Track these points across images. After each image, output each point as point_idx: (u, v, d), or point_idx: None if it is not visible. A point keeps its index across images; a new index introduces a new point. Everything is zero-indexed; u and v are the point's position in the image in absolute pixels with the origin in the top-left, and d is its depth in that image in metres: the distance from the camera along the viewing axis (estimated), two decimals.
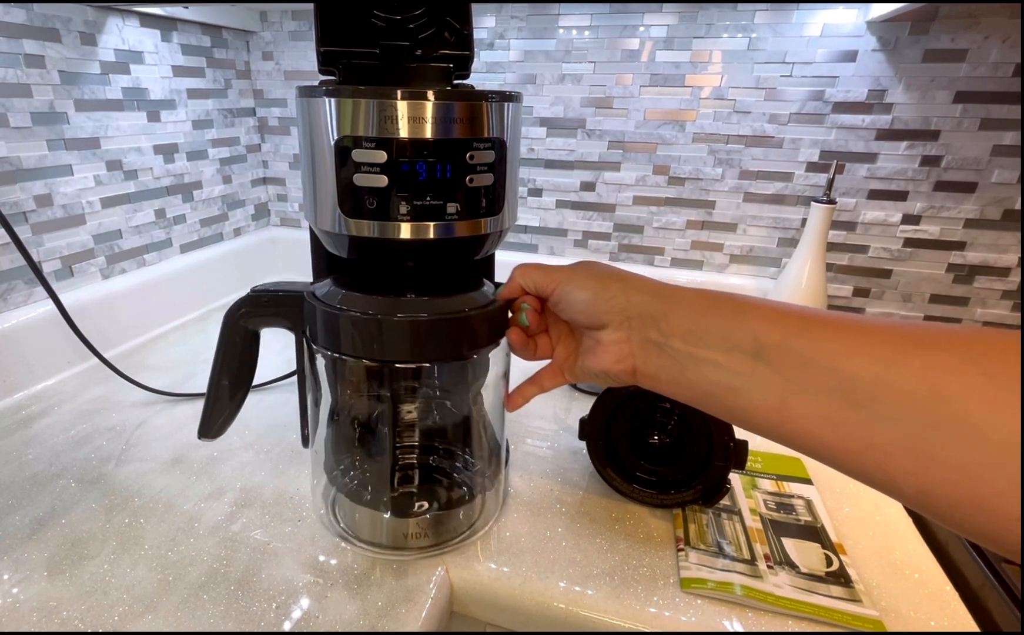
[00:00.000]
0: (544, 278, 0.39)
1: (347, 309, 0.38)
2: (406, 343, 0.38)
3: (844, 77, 0.77)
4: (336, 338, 0.39)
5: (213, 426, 0.46)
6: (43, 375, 0.70)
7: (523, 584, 0.44)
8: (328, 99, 0.37)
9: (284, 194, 1.11)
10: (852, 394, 0.25)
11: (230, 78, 0.99)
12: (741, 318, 0.30)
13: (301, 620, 0.40)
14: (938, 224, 0.80)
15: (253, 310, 0.43)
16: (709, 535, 0.48)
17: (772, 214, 0.86)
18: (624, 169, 0.90)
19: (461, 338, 0.39)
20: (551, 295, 0.38)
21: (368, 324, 0.37)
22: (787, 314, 0.29)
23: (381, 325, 0.37)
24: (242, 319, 0.43)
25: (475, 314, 0.39)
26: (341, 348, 0.39)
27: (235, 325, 0.43)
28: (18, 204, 0.68)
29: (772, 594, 0.43)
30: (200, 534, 0.48)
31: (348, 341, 0.38)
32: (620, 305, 0.35)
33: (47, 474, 0.54)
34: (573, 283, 0.37)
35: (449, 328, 0.38)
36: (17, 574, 0.43)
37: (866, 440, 0.25)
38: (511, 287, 0.41)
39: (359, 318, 0.37)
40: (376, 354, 0.39)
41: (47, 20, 0.69)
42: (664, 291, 0.34)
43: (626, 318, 0.35)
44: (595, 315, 0.36)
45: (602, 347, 0.36)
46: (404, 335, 0.38)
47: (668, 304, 0.33)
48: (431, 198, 0.39)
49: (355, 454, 0.50)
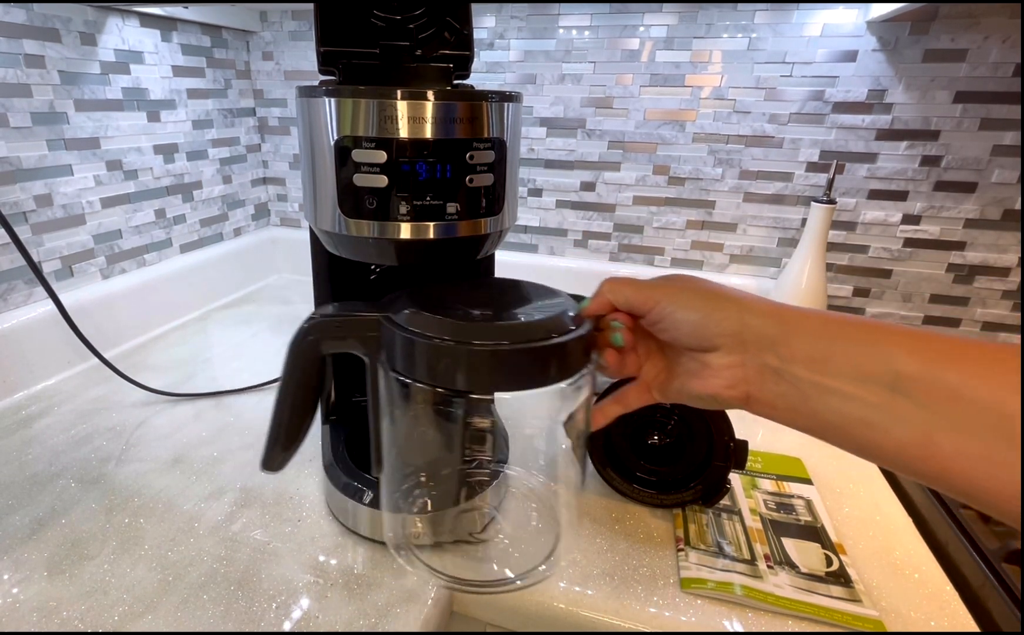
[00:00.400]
0: (640, 296, 0.36)
1: (433, 336, 0.34)
2: (499, 372, 0.35)
3: (844, 77, 0.77)
4: (422, 367, 0.35)
5: (278, 457, 0.42)
6: (43, 375, 0.70)
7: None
8: (328, 99, 0.37)
9: (284, 194, 1.11)
10: (1015, 434, 0.23)
11: (230, 78, 0.99)
12: (875, 345, 0.28)
13: (301, 620, 0.40)
14: (938, 224, 0.80)
15: (322, 336, 0.39)
16: (709, 535, 0.48)
17: (772, 214, 0.86)
18: (624, 169, 0.90)
19: (551, 363, 0.35)
20: (649, 314, 0.35)
21: (458, 353, 0.34)
22: (928, 340, 0.27)
23: (476, 355, 0.34)
24: (310, 346, 0.39)
25: (571, 340, 0.35)
26: (426, 377, 0.35)
27: (302, 351, 0.39)
28: (18, 204, 0.68)
29: (772, 594, 0.43)
30: (200, 534, 0.48)
31: (434, 370, 0.35)
32: (734, 327, 0.32)
33: (47, 474, 0.54)
34: (677, 303, 0.34)
35: (546, 354, 0.35)
36: (17, 574, 0.43)
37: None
38: (599, 303, 0.37)
39: (449, 347, 0.34)
40: (466, 385, 0.35)
41: (47, 20, 0.69)
42: (783, 313, 0.31)
43: (741, 342, 0.32)
44: (705, 338, 0.33)
45: (710, 371, 0.33)
46: (497, 364, 0.34)
47: (788, 327, 0.31)
48: (431, 198, 0.39)
49: (430, 485, 0.48)
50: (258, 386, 0.71)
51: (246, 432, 0.62)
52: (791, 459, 0.59)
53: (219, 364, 0.77)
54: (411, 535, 0.46)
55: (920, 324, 0.86)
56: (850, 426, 0.29)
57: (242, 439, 0.60)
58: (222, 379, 0.73)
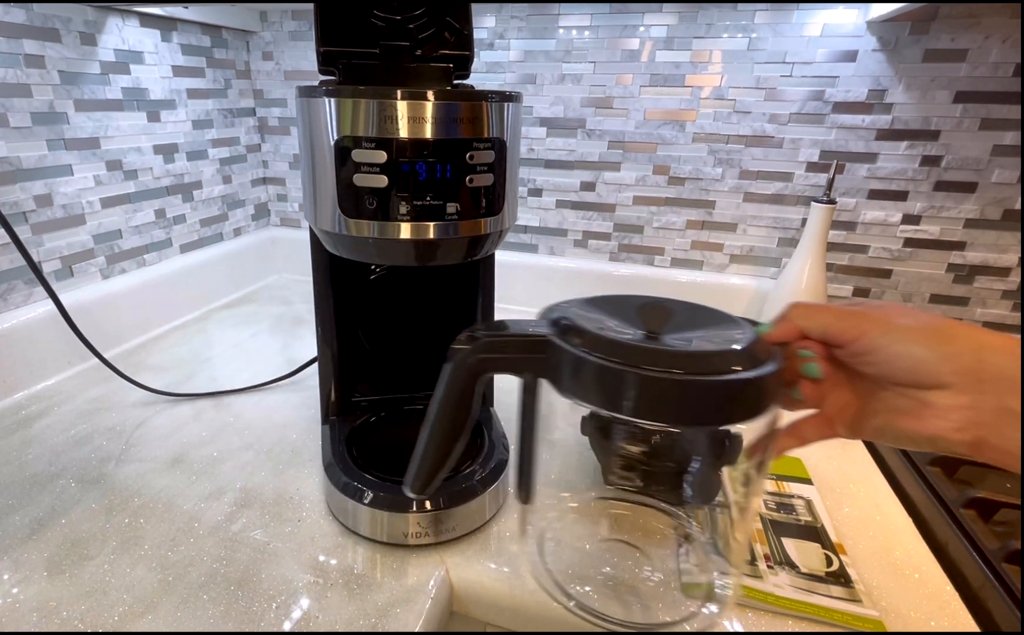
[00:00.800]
0: (842, 325, 0.32)
1: (627, 365, 0.31)
2: (700, 405, 0.32)
3: (844, 77, 0.77)
4: (606, 395, 0.33)
5: (425, 481, 0.39)
6: (43, 375, 0.70)
7: (523, 584, 0.44)
8: (328, 99, 0.37)
9: (284, 194, 1.11)
10: None
11: (230, 78, 0.99)
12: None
13: (301, 620, 0.40)
14: (938, 224, 0.80)
15: (484, 358, 0.36)
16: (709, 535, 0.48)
17: (772, 214, 0.86)
18: (624, 169, 0.90)
19: (753, 397, 0.33)
20: (852, 345, 0.32)
21: (652, 383, 0.31)
22: None
23: (680, 386, 0.31)
24: (469, 369, 0.36)
25: (773, 373, 0.31)
26: (606, 404, 0.33)
27: (461, 373, 0.37)
28: (18, 204, 0.68)
29: (772, 594, 0.43)
30: (200, 534, 0.48)
31: (620, 398, 0.32)
32: (970, 365, 0.29)
33: (47, 474, 0.54)
34: (894, 335, 0.30)
35: (748, 388, 0.32)
36: (17, 574, 0.43)
37: None
38: (787, 329, 0.34)
39: (640, 376, 0.31)
40: (657, 417, 0.33)
41: (47, 20, 0.69)
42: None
43: (977, 381, 0.29)
44: (932, 375, 0.30)
45: (932, 411, 0.30)
46: (698, 396, 0.31)
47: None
48: (431, 198, 0.39)
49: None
50: (258, 386, 0.71)
51: (246, 432, 0.62)
52: (791, 459, 0.59)
53: (219, 364, 0.77)
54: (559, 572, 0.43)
55: None
56: None
57: (242, 439, 0.60)
58: (222, 379, 0.73)
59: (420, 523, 0.46)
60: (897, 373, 0.31)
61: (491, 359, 0.36)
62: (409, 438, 0.38)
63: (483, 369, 0.36)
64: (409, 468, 0.39)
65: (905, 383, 0.31)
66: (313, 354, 0.70)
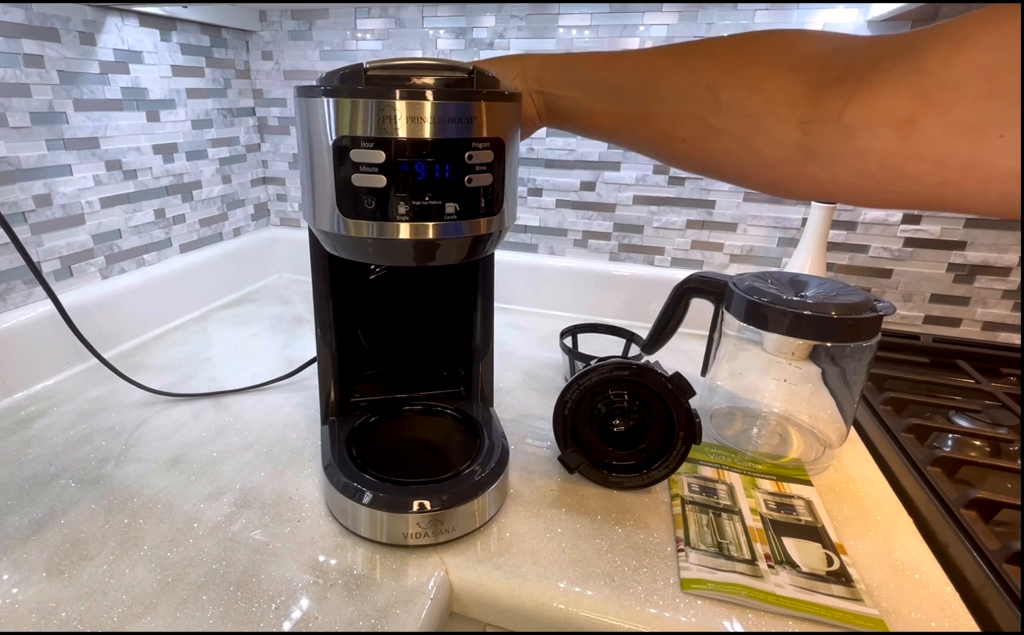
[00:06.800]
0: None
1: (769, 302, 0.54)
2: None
3: None
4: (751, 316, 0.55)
5: (654, 346, 0.68)
6: (43, 375, 0.70)
7: (523, 584, 0.44)
8: (326, 99, 0.37)
9: (284, 194, 1.11)
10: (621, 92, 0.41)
11: (230, 78, 0.99)
12: (573, 67, 0.44)
13: (301, 620, 0.40)
14: (938, 224, 0.80)
15: (694, 286, 0.62)
16: (709, 535, 0.48)
17: (772, 213, 0.86)
18: (624, 169, 0.90)
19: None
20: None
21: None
22: (604, 58, 0.43)
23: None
24: (685, 295, 0.63)
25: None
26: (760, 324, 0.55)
27: (679, 294, 0.63)
28: (17, 204, 0.68)
29: (773, 594, 0.42)
30: (199, 534, 0.47)
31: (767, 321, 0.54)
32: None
33: (46, 474, 0.54)
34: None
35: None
36: (16, 574, 0.43)
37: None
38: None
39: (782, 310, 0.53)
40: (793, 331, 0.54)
41: (46, 20, 0.69)
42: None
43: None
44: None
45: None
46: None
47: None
48: (430, 198, 0.39)
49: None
50: (258, 386, 0.71)
51: (245, 432, 0.62)
52: (791, 460, 0.59)
53: (219, 364, 0.77)
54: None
55: (921, 324, 0.86)
56: (573, 113, 0.46)
57: (242, 439, 0.60)
58: (222, 379, 0.73)
59: (419, 523, 0.46)
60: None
61: (694, 289, 0.62)
62: (409, 438, 0.39)
63: (688, 294, 0.63)
64: (646, 341, 0.68)
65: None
66: (312, 354, 0.70)
